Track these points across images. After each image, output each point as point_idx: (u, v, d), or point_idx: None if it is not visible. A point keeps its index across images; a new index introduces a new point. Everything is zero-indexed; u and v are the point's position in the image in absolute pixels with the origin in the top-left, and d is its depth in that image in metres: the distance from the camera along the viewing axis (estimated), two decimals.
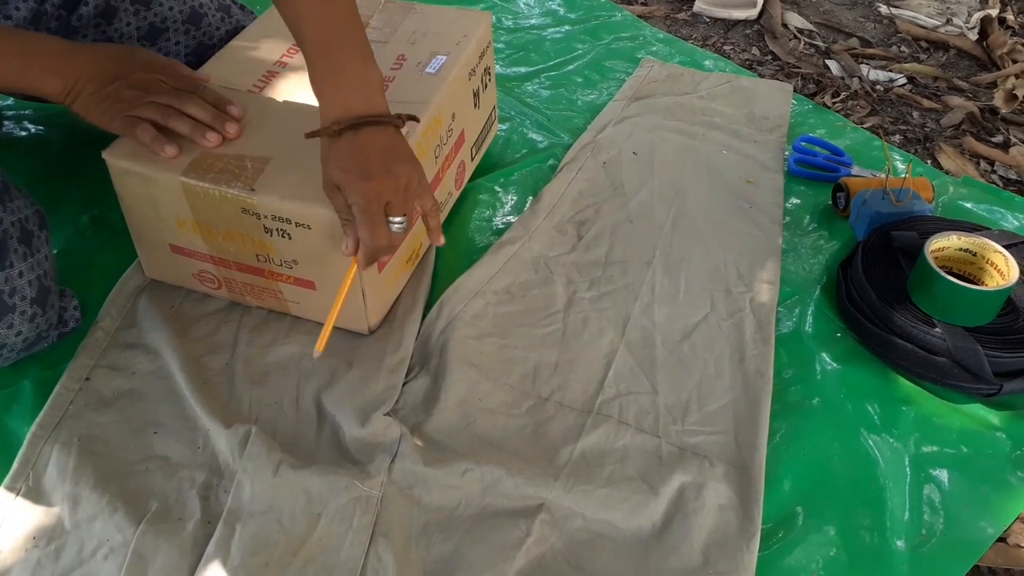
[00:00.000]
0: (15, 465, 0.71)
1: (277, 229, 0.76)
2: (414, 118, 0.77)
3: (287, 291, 0.82)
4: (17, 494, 0.69)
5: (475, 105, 0.99)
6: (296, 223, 0.74)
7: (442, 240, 0.78)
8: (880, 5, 1.58)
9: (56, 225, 0.90)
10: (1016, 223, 1.05)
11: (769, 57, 1.43)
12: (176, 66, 0.82)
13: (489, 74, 1.02)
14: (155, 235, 0.82)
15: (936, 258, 0.86)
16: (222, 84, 0.84)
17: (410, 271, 0.89)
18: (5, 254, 0.72)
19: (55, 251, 0.89)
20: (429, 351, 0.83)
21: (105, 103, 0.76)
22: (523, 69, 1.31)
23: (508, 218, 1.01)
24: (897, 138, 1.24)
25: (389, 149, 0.72)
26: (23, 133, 1.08)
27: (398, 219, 0.71)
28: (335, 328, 0.84)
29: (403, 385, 0.79)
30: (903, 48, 1.48)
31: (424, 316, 0.86)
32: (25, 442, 0.73)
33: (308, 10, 0.72)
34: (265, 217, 0.75)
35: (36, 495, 0.69)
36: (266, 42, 0.93)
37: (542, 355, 0.84)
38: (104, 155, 0.77)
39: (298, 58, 0.91)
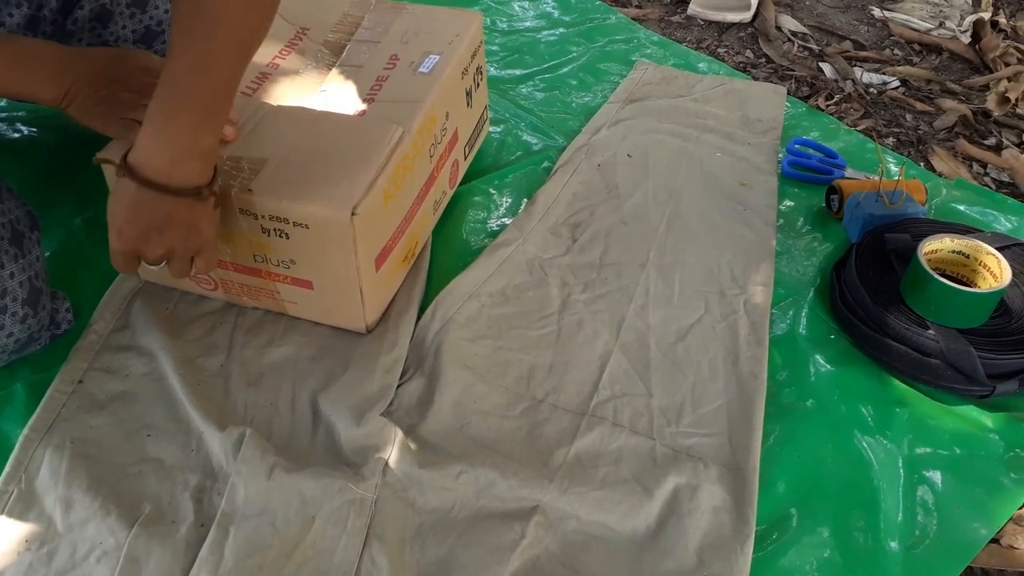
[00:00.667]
0: (7, 468, 0.71)
1: (275, 229, 0.76)
2: (215, 194, 0.72)
3: (284, 291, 0.82)
4: (9, 497, 0.69)
5: (468, 104, 0.99)
6: (294, 223, 0.74)
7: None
8: (873, 8, 1.59)
9: (49, 227, 0.90)
10: (1008, 225, 1.05)
11: (763, 60, 1.44)
12: None
13: (481, 73, 1.02)
14: None
15: (929, 260, 0.87)
16: None
17: (406, 269, 0.89)
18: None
19: (48, 253, 0.89)
20: (424, 353, 0.83)
21: (101, 107, 0.76)
22: (517, 71, 1.31)
23: (503, 220, 1.01)
24: (890, 141, 1.25)
25: (164, 218, 0.70)
26: (15, 135, 1.08)
27: (153, 267, 0.73)
28: (331, 328, 0.84)
29: (398, 387, 0.79)
30: (896, 51, 1.48)
31: (419, 317, 0.86)
32: (17, 445, 0.72)
33: (177, 47, 0.67)
34: (263, 217, 0.75)
35: (28, 498, 0.69)
36: None
37: (537, 357, 0.84)
38: (98, 158, 0.76)
39: (290, 60, 0.91)
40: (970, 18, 1.52)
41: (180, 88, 0.67)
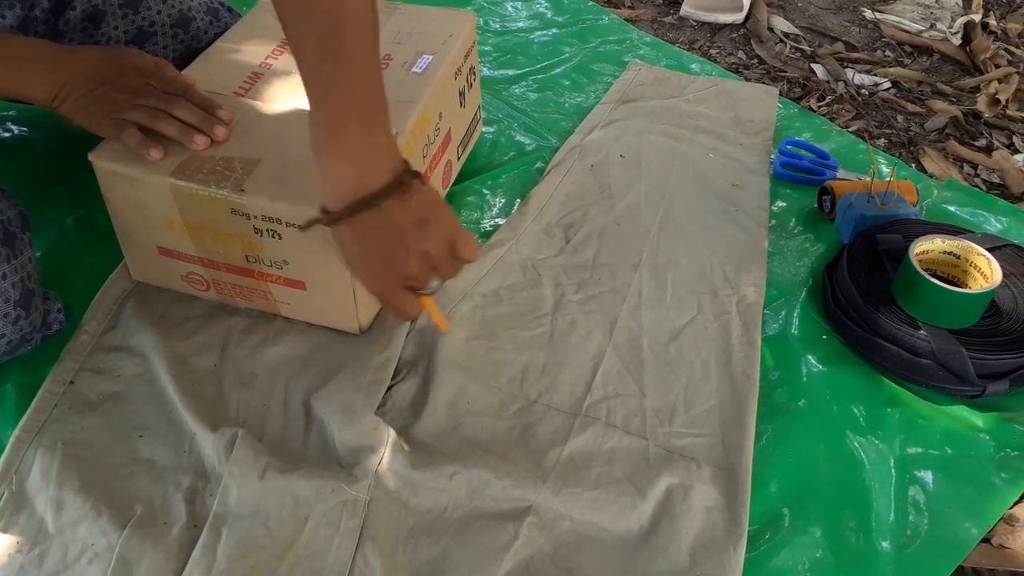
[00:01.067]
0: None
1: (267, 229, 0.75)
2: (415, 174, 0.66)
3: (277, 292, 0.82)
4: (0, 498, 0.68)
5: (461, 104, 0.99)
6: (287, 223, 0.74)
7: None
8: (865, 10, 1.60)
9: (40, 227, 0.90)
10: (999, 226, 1.05)
11: (755, 61, 1.44)
12: (165, 67, 0.82)
13: (474, 74, 1.02)
14: (142, 237, 0.82)
15: (920, 261, 0.87)
16: (207, 88, 0.84)
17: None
18: None
19: (39, 253, 0.89)
20: (418, 353, 0.83)
21: (93, 106, 0.76)
22: (510, 72, 1.31)
23: (496, 220, 1.01)
24: (882, 142, 1.25)
25: (399, 225, 0.64)
26: (7, 134, 1.08)
27: (427, 289, 0.69)
28: (325, 328, 0.84)
29: (392, 387, 0.79)
30: (888, 52, 1.49)
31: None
32: (8, 446, 0.72)
33: (306, 53, 0.62)
34: (255, 217, 0.75)
35: (19, 499, 0.68)
36: (250, 44, 0.93)
37: (530, 358, 0.84)
38: (90, 157, 0.76)
39: (283, 60, 0.91)
40: (961, 20, 1.53)
41: (331, 96, 0.62)
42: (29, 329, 0.76)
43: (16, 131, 1.08)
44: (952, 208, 1.08)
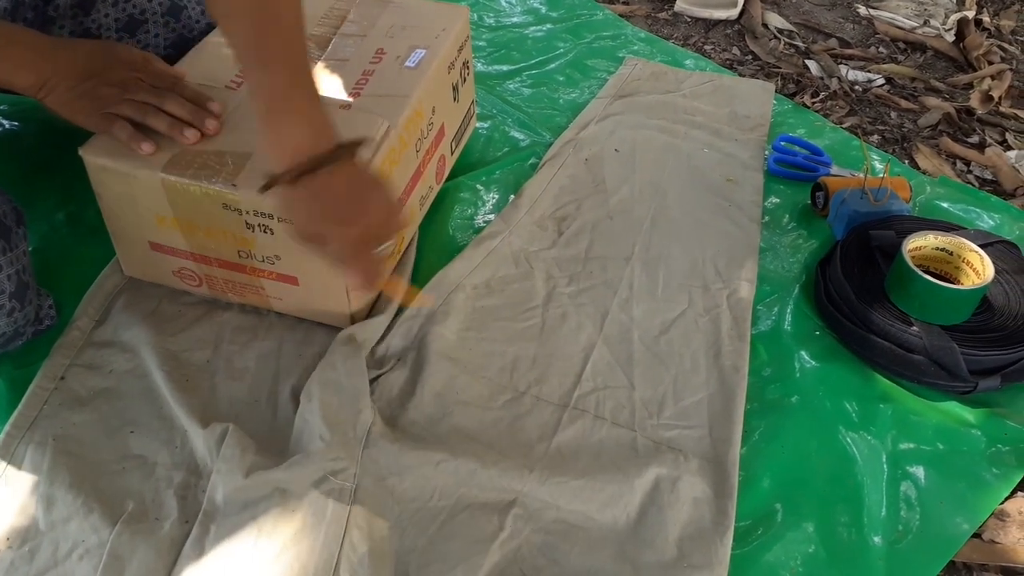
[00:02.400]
0: None
1: (259, 224, 0.75)
2: (358, 143, 0.70)
3: (269, 287, 0.82)
4: None
5: (454, 99, 0.99)
6: (279, 218, 0.74)
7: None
8: (859, 6, 1.60)
9: (31, 222, 0.89)
10: (991, 223, 1.06)
11: (749, 57, 1.44)
12: (153, 61, 0.81)
13: (468, 68, 1.02)
14: (134, 233, 0.81)
15: (913, 257, 0.87)
16: (199, 81, 0.83)
17: (392, 265, 0.89)
18: None
19: (30, 249, 0.88)
20: (407, 344, 0.82)
21: (81, 100, 0.75)
22: (505, 67, 1.31)
23: (489, 216, 1.01)
24: (875, 138, 1.26)
25: (353, 183, 0.68)
26: None
27: (384, 245, 0.72)
28: (317, 322, 0.84)
29: (380, 376, 0.79)
30: (881, 49, 1.49)
31: (402, 309, 0.86)
32: None
33: (239, 29, 0.67)
34: (247, 212, 0.74)
35: (10, 496, 0.68)
36: None
37: (520, 349, 0.84)
38: (81, 152, 0.76)
39: None
40: (954, 16, 1.53)
41: (273, 63, 0.66)
42: (23, 323, 0.76)
43: (7, 125, 1.07)
44: (945, 204, 1.08)
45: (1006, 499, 0.76)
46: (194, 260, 0.81)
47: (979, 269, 0.86)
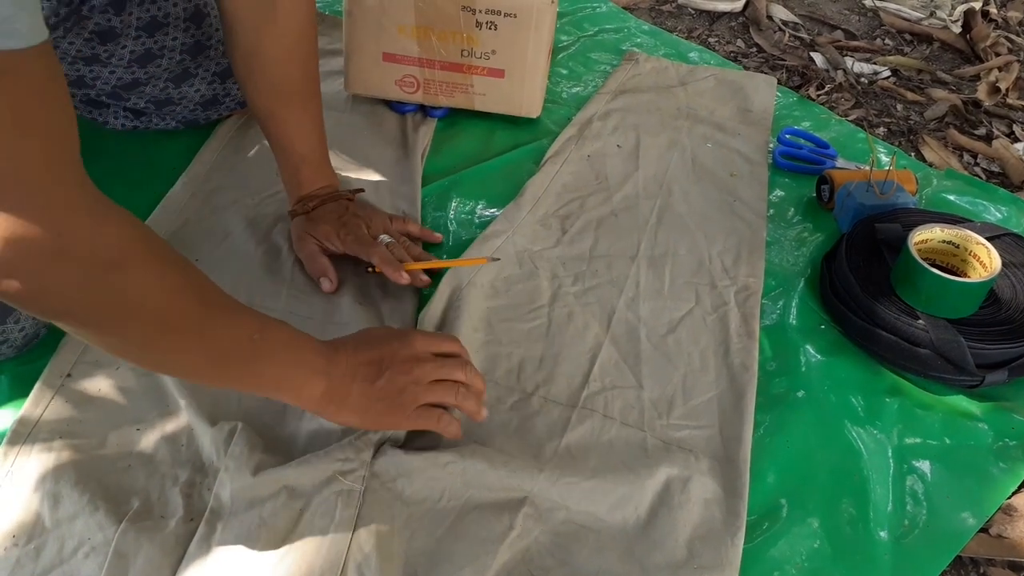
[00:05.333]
0: None
1: (487, 22, 0.99)
2: (359, 190, 0.96)
3: (479, 83, 1.06)
4: None
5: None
6: (505, 13, 0.99)
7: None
8: None
9: None
10: (998, 215, 1.05)
11: (754, 49, 1.43)
12: (421, 340, 0.72)
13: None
14: (372, 45, 1.04)
15: (919, 250, 0.87)
16: None
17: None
18: None
19: None
20: None
21: (384, 405, 0.68)
22: None
23: (491, 210, 1.01)
24: (881, 131, 1.25)
25: (349, 209, 0.90)
26: None
27: (385, 238, 0.88)
28: (325, 318, 0.84)
29: None
30: (887, 41, 1.48)
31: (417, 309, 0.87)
32: (4, 439, 0.72)
33: (281, 119, 0.87)
34: (480, 12, 0.99)
35: (15, 493, 0.68)
36: None
37: (527, 350, 0.83)
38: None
39: None
40: (961, 8, 1.52)
41: (298, 141, 0.90)
42: (43, 324, 0.78)
43: None
44: (951, 197, 1.08)
45: (1013, 493, 0.75)
46: (419, 65, 1.06)
47: (986, 262, 0.86)
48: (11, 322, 0.73)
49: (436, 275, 0.88)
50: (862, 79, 1.36)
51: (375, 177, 1.04)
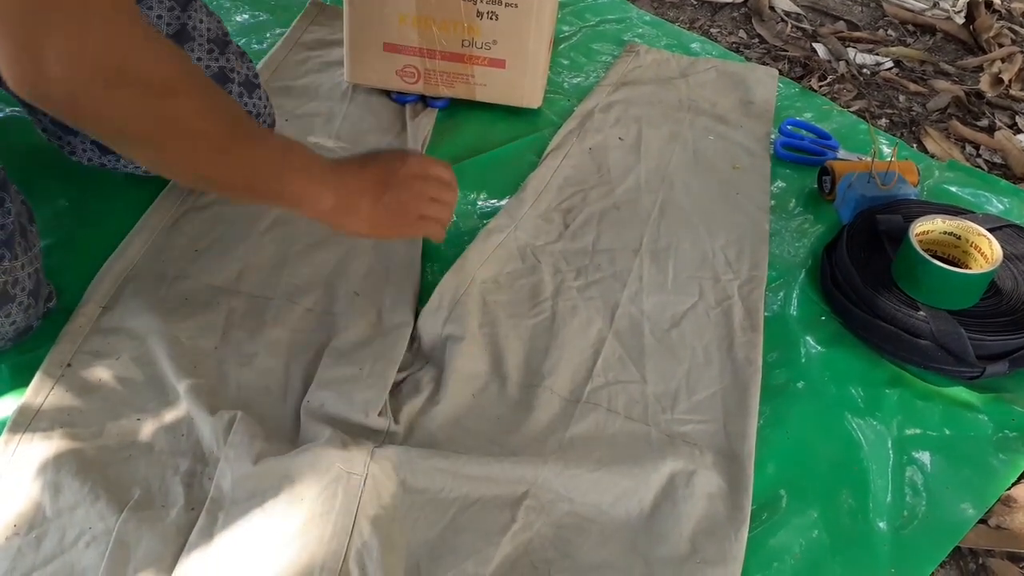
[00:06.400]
0: None
1: (488, 12, 1.00)
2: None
3: (479, 74, 1.07)
4: None
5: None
6: (506, 3, 0.99)
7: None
8: None
9: (33, 208, 0.89)
10: (1000, 207, 1.05)
11: (756, 40, 1.43)
12: (422, 161, 0.82)
13: None
14: (373, 35, 1.04)
15: (921, 241, 0.86)
16: None
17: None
18: (12, 245, 0.72)
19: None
20: (435, 343, 0.82)
21: (388, 212, 0.76)
22: None
23: (492, 202, 1.01)
24: (883, 122, 1.25)
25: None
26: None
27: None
28: (327, 310, 0.84)
29: (408, 375, 0.79)
30: (890, 31, 1.48)
31: (417, 303, 0.86)
32: (5, 428, 0.72)
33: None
34: (481, 1, 1.00)
35: (16, 482, 0.68)
36: None
37: (531, 344, 0.83)
38: None
39: None
40: None
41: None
42: (35, 317, 0.78)
43: (6, 111, 1.07)
44: (953, 188, 1.07)
45: (1013, 485, 0.76)
46: (420, 55, 1.06)
47: (987, 253, 0.86)
48: (2, 316, 0.73)
49: (438, 271, 0.88)
50: (864, 70, 1.35)
51: None
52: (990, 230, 0.88)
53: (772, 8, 1.51)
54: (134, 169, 0.94)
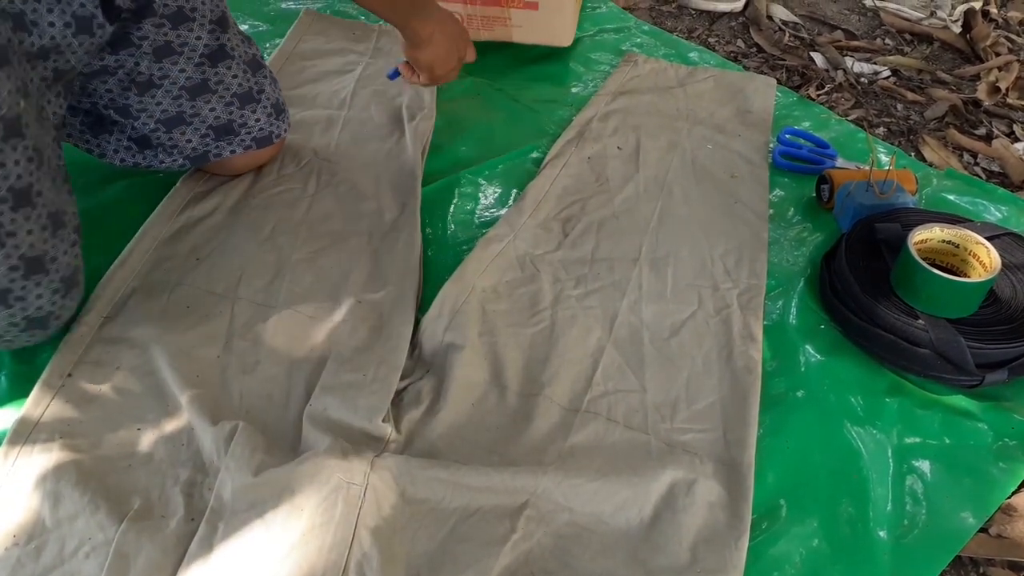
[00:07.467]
0: None
1: None
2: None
3: (515, 16, 1.22)
4: None
5: None
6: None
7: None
8: None
9: None
10: (998, 215, 1.05)
11: (754, 49, 1.43)
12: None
13: None
14: None
15: (919, 250, 0.87)
16: None
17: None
18: (63, 224, 0.76)
19: None
20: (436, 350, 0.82)
21: (449, 55, 1.00)
22: (508, 60, 1.30)
23: (491, 211, 1.01)
24: (881, 130, 1.25)
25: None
26: None
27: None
28: (328, 317, 0.84)
29: (408, 384, 0.79)
30: (887, 41, 1.48)
31: (417, 310, 0.87)
32: (5, 438, 0.72)
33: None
34: None
35: (16, 492, 0.68)
36: None
37: (530, 353, 0.83)
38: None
39: None
40: (961, 7, 1.52)
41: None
42: (57, 311, 0.78)
43: None
44: (951, 197, 1.08)
45: (1013, 493, 0.75)
46: (462, 2, 1.20)
47: (986, 262, 0.86)
48: (31, 284, 0.73)
49: (437, 279, 0.88)
50: (862, 79, 1.36)
51: (375, 171, 1.04)
52: (988, 238, 0.88)
53: (770, 17, 1.52)
54: (169, 166, 0.96)
